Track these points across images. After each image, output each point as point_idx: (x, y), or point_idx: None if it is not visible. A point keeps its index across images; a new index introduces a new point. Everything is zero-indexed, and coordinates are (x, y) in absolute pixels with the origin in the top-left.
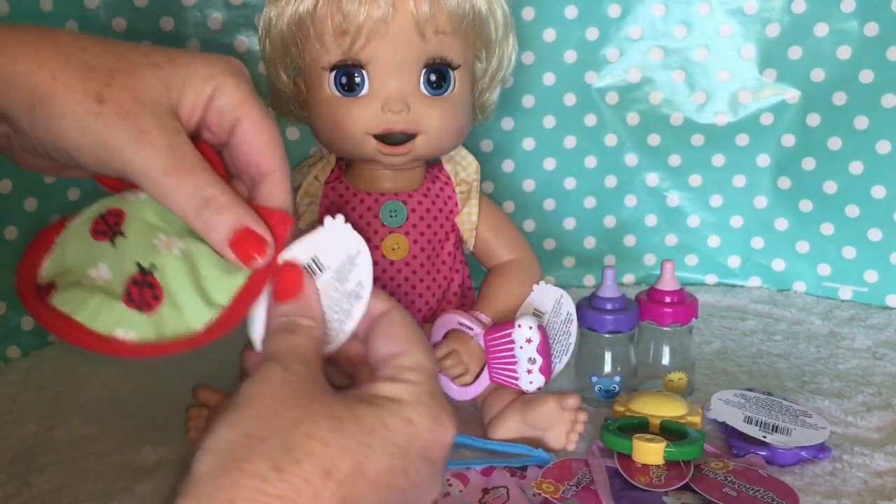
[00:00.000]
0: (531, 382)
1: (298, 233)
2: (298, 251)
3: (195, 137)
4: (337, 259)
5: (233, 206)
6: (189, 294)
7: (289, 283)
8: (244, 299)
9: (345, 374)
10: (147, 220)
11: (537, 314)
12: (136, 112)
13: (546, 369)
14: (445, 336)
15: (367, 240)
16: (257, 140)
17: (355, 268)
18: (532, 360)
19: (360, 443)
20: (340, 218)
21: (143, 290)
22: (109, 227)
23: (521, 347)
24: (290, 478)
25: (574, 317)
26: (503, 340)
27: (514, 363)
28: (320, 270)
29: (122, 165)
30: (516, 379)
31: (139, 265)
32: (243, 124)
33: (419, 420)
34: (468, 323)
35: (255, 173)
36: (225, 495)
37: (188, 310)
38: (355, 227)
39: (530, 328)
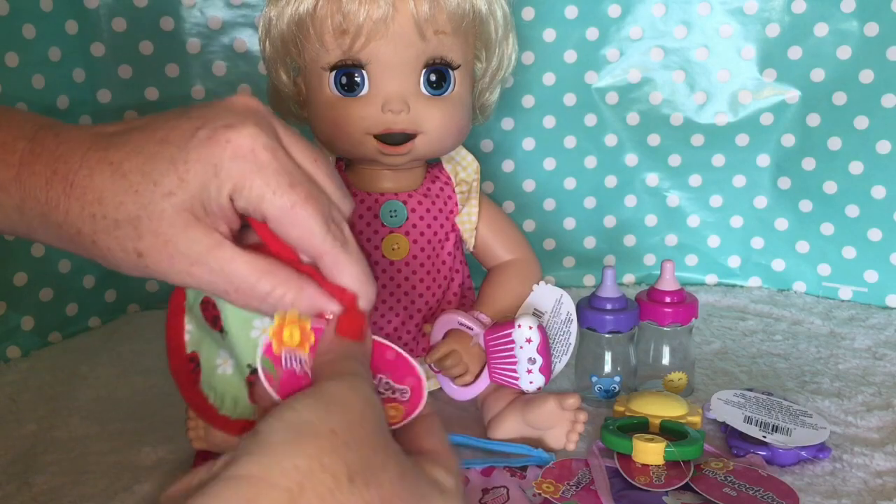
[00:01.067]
0: (531, 382)
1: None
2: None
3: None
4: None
5: (299, 298)
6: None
7: (357, 326)
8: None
9: None
10: (234, 311)
11: (537, 314)
12: (176, 257)
13: (546, 369)
14: (445, 336)
15: (367, 240)
16: (291, 236)
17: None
18: (532, 360)
19: (413, 497)
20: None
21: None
22: (214, 318)
23: (521, 347)
24: (357, 496)
25: (574, 317)
26: (503, 340)
27: (514, 363)
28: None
29: (145, 265)
30: (516, 379)
31: (250, 366)
32: (271, 223)
33: (439, 472)
34: (468, 323)
35: (308, 253)
36: (298, 477)
37: None
38: (355, 226)
39: (530, 328)
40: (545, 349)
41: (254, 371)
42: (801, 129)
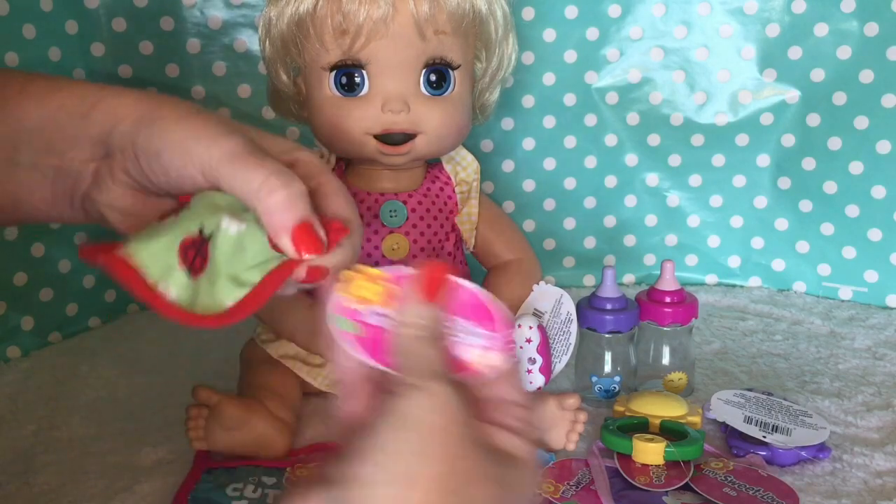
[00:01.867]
0: (531, 382)
1: None
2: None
3: None
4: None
5: (303, 200)
6: (227, 274)
7: (437, 285)
8: (272, 281)
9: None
10: (214, 202)
11: (537, 314)
12: (223, 121)
13: (546, 369)
14: None
15: (367, 240)
16: (336, 201)
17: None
18: (532, 360)
19: (497, 488)
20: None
21: (196, 254)
22: (176, 208)
23: (521, 347)
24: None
25: (574, 317)
26: None
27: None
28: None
29: (206, 152)
30: None
31: (201, 230)
32: (321, 190)
33: (534, 481)
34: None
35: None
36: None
37: (220, 287)
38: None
39: (530, 328)
40: (545, 349)
41: (201, 234)
42: (801, 129)
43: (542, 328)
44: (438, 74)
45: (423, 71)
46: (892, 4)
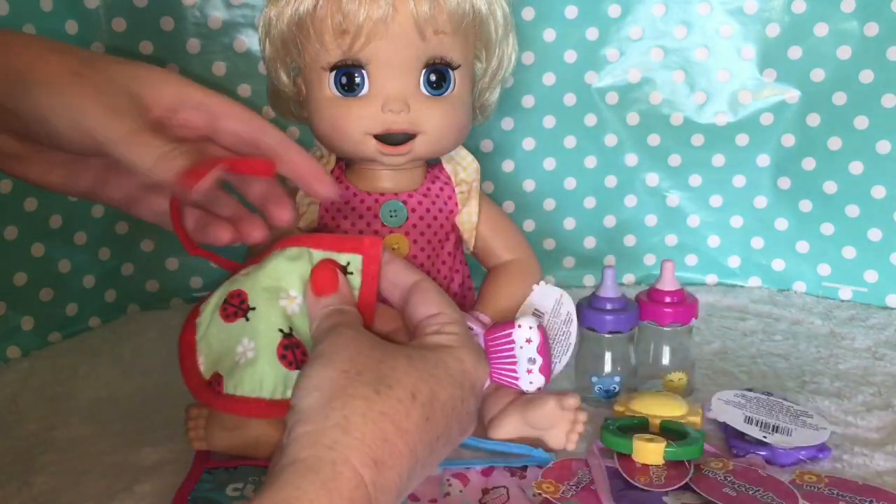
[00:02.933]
0: (531, 382)
1: (299, 231)
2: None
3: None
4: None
5: (191, 153)
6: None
7: (328, 280)
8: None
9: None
10: (265, 287)
11: (537, 314)
12: (107, 90)
13: (546, 369)
14: None
15: None
16: (233, 113)
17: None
18: (532, 360)
19: (431, 374)
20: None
21: (295, 351)
22: (237, 308)
23: (521, 347)
24: (388, 398)
25: (574, 317)
26: (503, 340)
27: (514, 363)
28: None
29: (93, 131)
30: (516, 379)
31: (281, 330)
32: (214, 110)
33: (467, 359)
34: (468, 323)
35: (251, 142)
36: (338, 413)
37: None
38: (355, 227)
39: (530, 328)
40: (545, 349)
41: (286, 335)
42: (801, 129)
43: (542, 328)
44: (438, 74)
45: (423, 71)
46: (892, 4)
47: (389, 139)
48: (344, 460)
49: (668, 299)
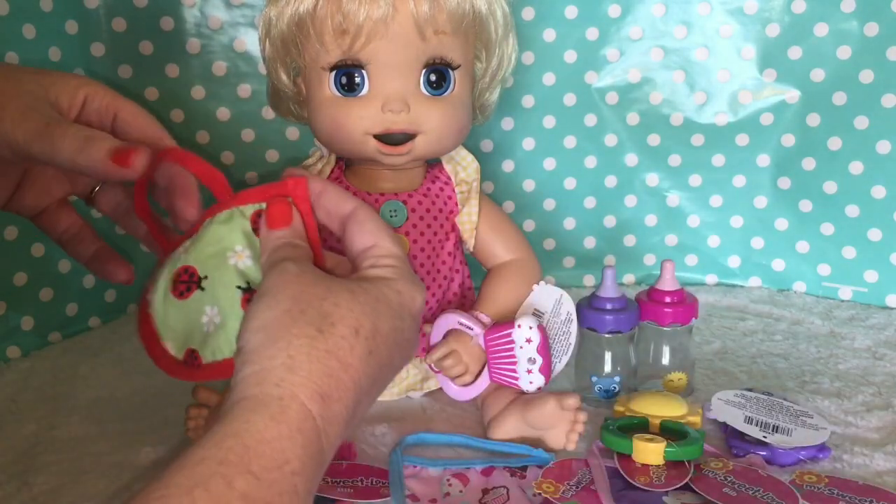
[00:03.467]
0: (531, 382)
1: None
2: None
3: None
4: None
5: (108, 136)
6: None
7: (281, 214)
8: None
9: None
10: (210, 254)
11: (537, 314)
12: (22, 96)
13: (546, 369)
14: (445, 336)
15: None
16: (137, 120)
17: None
18: (532, 360)
19: (372, 308)
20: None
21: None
22: (189, 282)
23: (520, 347)
24: (331, 336)
25: (574, 317)
26: (503, 340)
27: (514, 363)
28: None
29: (12, 133)
30: (516, 379)
31: (239, 287)
32: (121, 114)
33: (405, 290)
34: (468, 323)
35: (149, 137)
36: (283, 354)
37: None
38: None
39: (530, 328)
40: (545, 349)
41: (245, 290)
42: (801, 129)
43: (542, 328)
44: (438, 74)
45: (423, 71)
46: (892, 4)
47: (389, 139)
48: (291, 396)
49: (668, 299)
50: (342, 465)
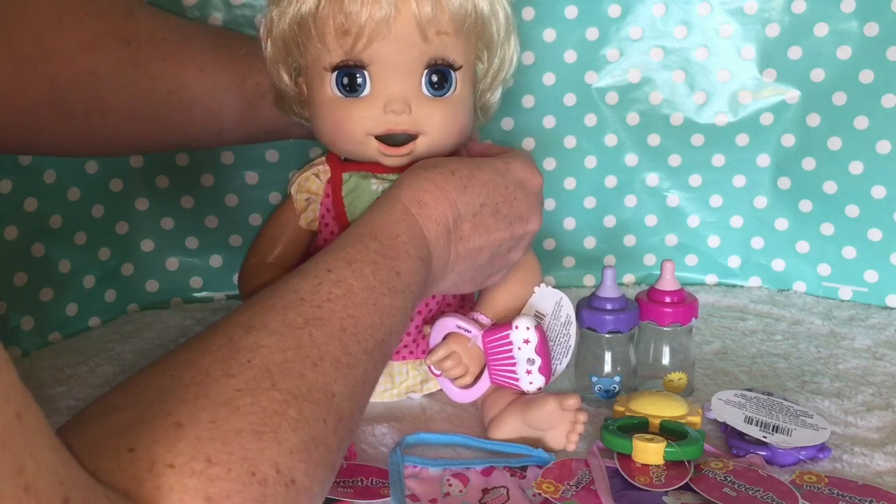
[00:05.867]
0: (531, 383)
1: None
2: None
3: None
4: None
5: None
6: None
7: None
8: None
9: None
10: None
11: (538, 316)
12: None
13: (545, 369)
14: (444, 339)
15: None
16: None
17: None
18: (531, 361)
19: (473, 163)
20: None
21: None
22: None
23: (519, 348)
24: (432, 172)
25: (573, 319)
26: (501, 342)
27: (514, 364)
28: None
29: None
30: (516, 380)
31: None
32: None
33: (513, 163)
34: (466, 326)
35: None
36: (400, 181)
37: None
38: None
39: (527, 329)
40: (543, 349)
41: None
42: (801, 129)
43: (539, 328)
44: (440, 75)
45: (425, 72)
46: (892, 4)
47: (391, 140)
48: (397, 200)
49: (668, 299)
50: (342, 464)
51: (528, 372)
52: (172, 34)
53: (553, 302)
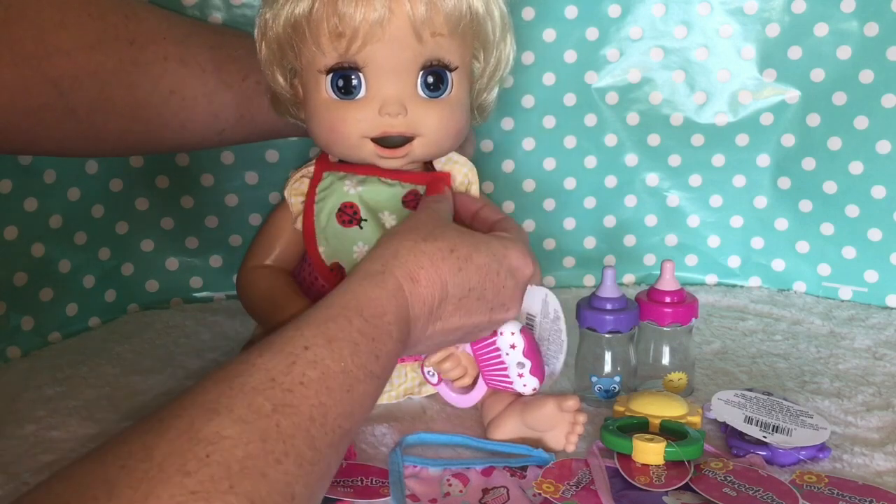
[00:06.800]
0: (525, 385)
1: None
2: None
3: None
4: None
5: None
6: None
7: (437, 188)
8: None
9: None
10: (370, 207)
11: (530, 318)
12: None
13: (537, 370)
14: None
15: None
16: None
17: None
18: (521, 365)
19: (472, 243)
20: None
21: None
22: (352, 217)
23: (507, 354)
24: (430, 245)
25: (561, 314)
26: (489, 349)
27: (505, 369)
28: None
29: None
30: (510, 383)
31: None
32: None
33: (511, 248)
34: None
35: None
36: (392, 249)
37: None
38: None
39: (512, 334)
40: (532, 351)
41: None
42: (801, 129)
43: (525, 332)
44: (436, 76)
45: (421, 73)
46: (892, 4)
47: (387, 142)
48: (390, 273)
49: (668, 299)
50: (342, 464)
51: (521, 375)
52: (174, 33)
53: (539, 300)
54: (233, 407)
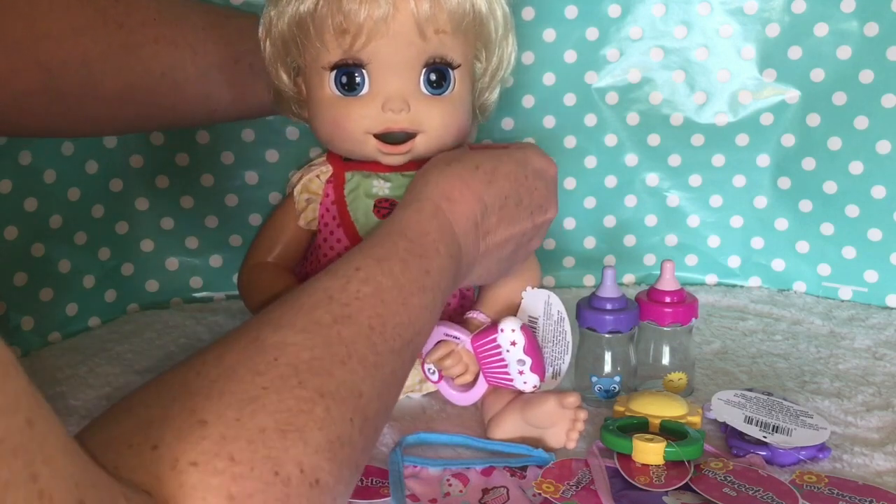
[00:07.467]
0: (525, 382)
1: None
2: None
3: None
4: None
5: None
6: None
7: None
8: None
9: None
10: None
11: (532, 320)
12: None
13: (538, 367)
14: (436, 346)
15: None
16: None
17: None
18: (521, 362)
19: (493, 156)
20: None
21: None
22: (390, 209)
23: (507, 351)
24: (456, 166)
25: (565, 315)
26: (490, 346)
27: (505, 366)
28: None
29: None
30: (510, 381)
31: None
32: None
33: (530, 152)
34: (454, 333)
35: None
36: (424, 179)
37: None
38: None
39: (513, 331)
40: (533, 349)
41: None
42: (801, 129)
43: (525, 329)
44: (438, 74)
45: (424, 70)
46: (892, 4)
47: (390, 138)
48: (427, 198)
49: (668, 299)
50: None
51: (521, 372)
52: (165, 15)
53: (542, 302)
54: (295, 321)
